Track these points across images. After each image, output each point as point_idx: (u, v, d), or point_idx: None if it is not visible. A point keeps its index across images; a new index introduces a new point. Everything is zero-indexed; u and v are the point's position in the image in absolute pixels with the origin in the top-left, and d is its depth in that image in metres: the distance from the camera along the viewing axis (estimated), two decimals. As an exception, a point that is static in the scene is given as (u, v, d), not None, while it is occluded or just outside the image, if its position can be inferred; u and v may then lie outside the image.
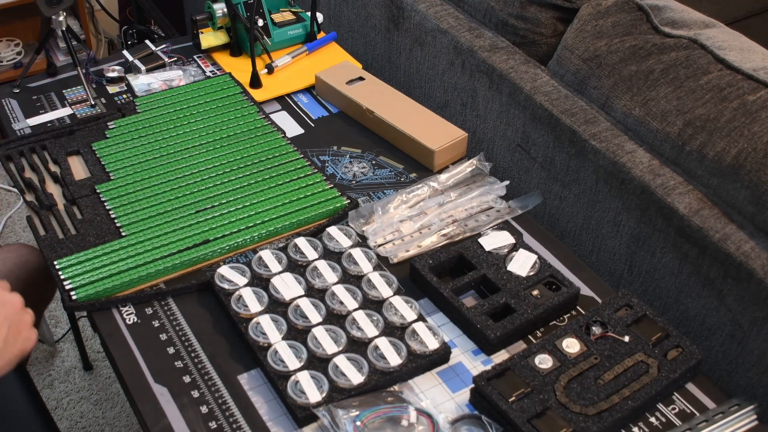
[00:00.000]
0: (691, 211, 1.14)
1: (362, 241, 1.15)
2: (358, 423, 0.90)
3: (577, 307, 1.09)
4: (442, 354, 1.00)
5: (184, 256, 1.11)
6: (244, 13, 1.48)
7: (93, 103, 1.41)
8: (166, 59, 1.51)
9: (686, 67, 1.22)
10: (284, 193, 1.22)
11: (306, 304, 1.04)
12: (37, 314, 1.37)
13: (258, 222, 1.17)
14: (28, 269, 1.29)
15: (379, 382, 0.96)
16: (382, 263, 1.12)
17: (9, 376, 1.24)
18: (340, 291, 1.05)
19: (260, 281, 1.08)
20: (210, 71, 1.51)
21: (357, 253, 1.11)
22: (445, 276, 1.12)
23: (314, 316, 1.02)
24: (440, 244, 1.16)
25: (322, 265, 1.09)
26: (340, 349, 0.99)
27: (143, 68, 1.47)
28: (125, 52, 1.51)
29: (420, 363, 0.98)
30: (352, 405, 0.92)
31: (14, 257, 1.30)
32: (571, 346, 0.98)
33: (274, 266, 1.09)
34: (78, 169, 1.27)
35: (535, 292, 1.06)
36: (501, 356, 1.02)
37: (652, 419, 0.95)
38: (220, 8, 1.49)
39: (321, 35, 1.59)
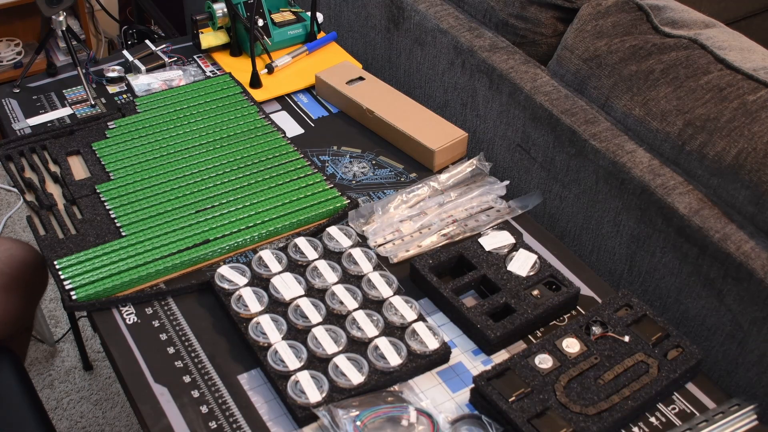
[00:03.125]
0: (691, 211, 1.14)
1: (362, 241, 1.15)
2: (358, 423, 0.90)
3: (577, 307, 1.09)
4: (442, 354, 1.00)
5: (184, 256, 1.11)
6: (244, 13, 1.48)
7: (93, 103, 1.41)
8: (166, 59, 1.51)
9: (686, 67, 1.22)
10: (284, 193, 1.22)
11: (306, 304, 1.04)
12: (31, 308, 1.37)
13: (258, 222, 1.17)
14: (14, 263, 1.28)
15: (379, 382, 0.96)
16: (382, 263, 1.12)
17: (8, 376, 1.24)
18: (340, 291, 1.05)
19: (260, 281, 1.08)
20: (210, 71, 1.51)
21: (357, 253, 1.11)
22: (445, 276, 1.12)
23: (314, 316, 1.02)
24: (440, 244, 1.16)
25: (322, 265, 1.09)
26: (340, 349, 0.98)
27: (143, 68, 1.47)
28: (125, 52, 1.51)
29: (420, 363, 0.98)
30: (352, 405, 0.92)
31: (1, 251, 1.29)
32: (571, 346, 0.98)
33: (274, 266, 1.09)
34: (78, 169, 1.27)
35: (535, 292, 1.06)
36: (501, 356, 1.02)
37: (652, 419, 0.95)
38: (220, 8, 1.49)
39: (321, 35, 1.59)
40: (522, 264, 1.10)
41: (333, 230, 1.15)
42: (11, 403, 1.21)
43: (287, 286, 1.06)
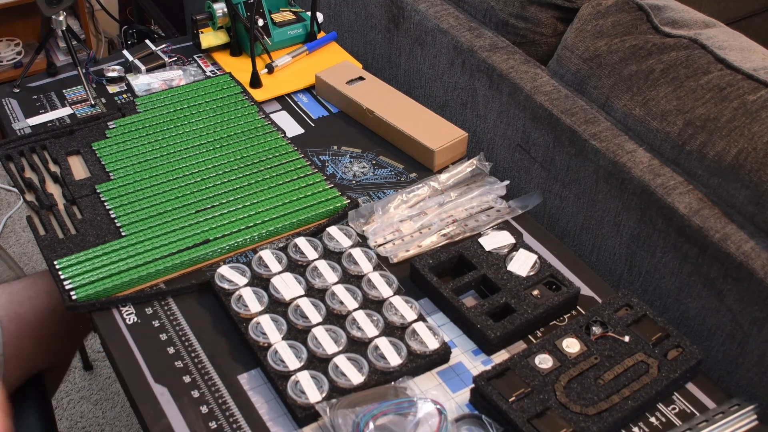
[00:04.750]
0: (691, 211, 1.14)
1: (362, 241, 1.15)
2: (362, 422, 0.89)
3: (577, 307, 1.09)
4: (442, 354, 1.00)
5: (184, 256, 1.11)
6: (244, 12, 1.48)
7: (93, 103, 1.41)
8: (166, 59, 1.51)
9: (686, 66, 1.22)
10: (284, 192, 1.22)
11: (306, 304, 1.04)
12: (73, 348, 1.36)
13: (258, 222, 1.17)
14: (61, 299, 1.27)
15: (379, 382, 0.96)
16: (382, 263, 1.12)
17: (32, 412, 1.23)
18: (340, 291, 1.05)
19: (260, 281, 1.08)
20: (210, 71, 1.51)
21: (357, 253, 1.11)
22: (445, 276, 1.12)
23: (314, 316, 1.02)
24: (440, 244, 1.16)
25: (322, 265, 1.09)
26: (340, 349, 0.98)
27: (143, 68, 1.47)
28: (125, 52, 1.51)
29: (420, 363, 0.98)
30: (356, 402, 0.92)
31: (51, 289, 1.27)
32: (571, 346, 0.98)
33: (274, 266, 1.09)
34: (78, 169, 1.27)
35: (535, 292, 1.06)
36: (501, 356, 1.02)
37: (652, 419, 0.95)
38: (220, 8, 1.49)
39: (321, 35, 1.59)
40: (522, 264, 1.10)
41: (333, 230, 1.15)
42: (21, 404, 1.21)
43: (287, 286, 1.06)
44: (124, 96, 1.44)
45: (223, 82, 1.45)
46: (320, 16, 1.60)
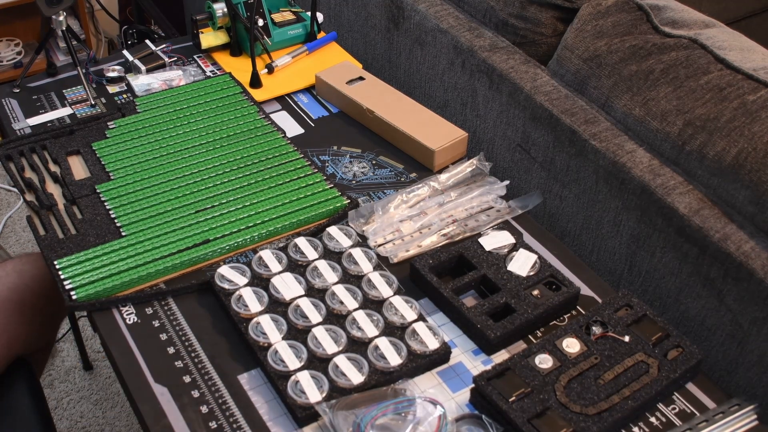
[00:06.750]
0: (691, 211, 1.14)
1: (362, 241, 1.15)
2: (362, 423, 0.89)
3: (577, 307, 1.09)
4: (442, 354, 1.00)
5: (184, 256, 1.11)
6: (244, 12, 1.48)
7: (93, 103, 1.41)
8: (166, 59, 1.51)
9: (686, 67, 1.22)
10: (284, 192, 1.22)
11: (306, 304, 1.04)
12: (54, 325, 1.37)
13: (258, 222, 1.17)
14: (44, 281, 1.28)
15: (379, 382, 0.96)
16: (382, 263, 1.12)
17: (22, 392, 1.24)
18: (340, 291, 1.05)
19: (260, 281, 1.08)
20: (210, 71, 1.51)
21: (357, 253, 1.11)
22: (445, 276, 1.12)
23: (314, 316, 1.02)
24: (440, 244, 1.16)
25: (322, 265, 1.09)
26: (340, 349, 0.98)
27: (143, 68, 1.47)
28: (125, 52, 1.51)
29: (420, 363, 0.98)
30: (356, 404, 0.92)
31: (30, 269, 1.29)
32: (571, 346, 0.98)
33: (274, 266, 1.09)
34: (78, 169, 1.27)
35: (535, 292, 1.06)
36: (501, 356, 1.02)
37: (652, 419, 0.95)
38: (220, 8, 1.49)
39: (321, 35, 1.59)
40: (522, 264, 1.10)
41: (333, 230, 1.15)
42: (21, 417, 1.21)
43: (287, 286, 1.06)
44: (124, 96, 1.44)
45: (223, 82, 1.45)
46: (320, 16, 1.60)
